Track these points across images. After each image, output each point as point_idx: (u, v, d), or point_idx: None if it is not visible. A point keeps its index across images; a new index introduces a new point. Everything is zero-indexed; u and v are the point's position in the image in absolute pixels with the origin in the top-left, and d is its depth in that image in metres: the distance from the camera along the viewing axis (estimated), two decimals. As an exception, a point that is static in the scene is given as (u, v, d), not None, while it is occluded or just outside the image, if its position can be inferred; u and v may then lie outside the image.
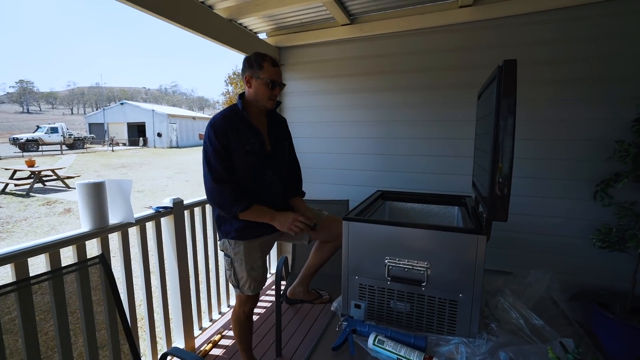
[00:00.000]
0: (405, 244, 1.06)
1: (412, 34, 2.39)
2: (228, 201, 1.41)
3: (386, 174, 2.61)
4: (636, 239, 1.75)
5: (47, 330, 1.16)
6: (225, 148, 1.41)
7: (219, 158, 1.41)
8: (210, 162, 1.41)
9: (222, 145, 1.40)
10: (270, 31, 2.74)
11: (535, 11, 2.05)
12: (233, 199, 1.41)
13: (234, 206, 1.40)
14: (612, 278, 2.07)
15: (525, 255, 2.26)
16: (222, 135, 1.41)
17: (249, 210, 1.42)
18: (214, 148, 1.40)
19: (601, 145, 2.01)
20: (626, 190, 1.92)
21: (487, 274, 1.36)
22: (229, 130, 1.42)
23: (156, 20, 1.78)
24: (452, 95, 2.35)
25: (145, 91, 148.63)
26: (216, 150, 1.40)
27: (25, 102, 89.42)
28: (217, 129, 1.41)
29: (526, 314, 1.07)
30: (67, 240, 1.33)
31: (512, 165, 0.89)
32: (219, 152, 1.40)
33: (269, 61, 1.44)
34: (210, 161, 1.41)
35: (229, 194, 1.41)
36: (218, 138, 1.40)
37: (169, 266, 1.94)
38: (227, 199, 1.41)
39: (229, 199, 1.41)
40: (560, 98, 2.09)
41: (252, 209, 1.43)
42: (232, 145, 1.42)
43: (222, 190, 1.41)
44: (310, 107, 2.82)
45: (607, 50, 1.97)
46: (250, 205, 1.43)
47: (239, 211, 1.41)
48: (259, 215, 1.46)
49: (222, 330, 2.19)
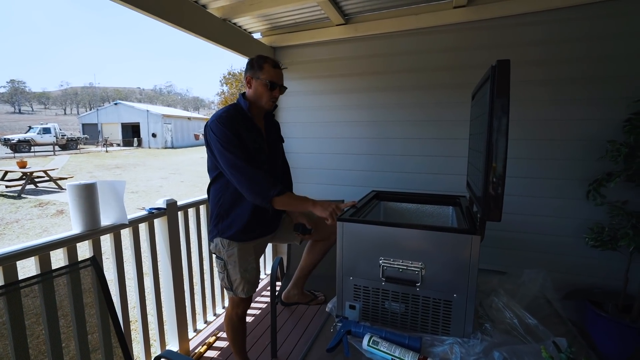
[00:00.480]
0: (399, 244, 1.06)
1: (406, 34, 2.39)
2: (265, 184, 1.34)
3: (381, 174, 2.61)
4: (628, 237, 1.77)
5: (38, 334, 1.14)
6: (240, 137, 1.37)
7: (240, 145, 1.35)
8: (233, 152, 1.34)
9: (237, 135, 1.36)
10: (264, 31, 2.73)
11: (528, 12, 2.06)
12: (269, 182, 1.34)
13: (270, 189, 1.33)
14: (605, 276, 2.09)
15: (519, 255, 2.28)
16: (232, 126, 1.36)
17: (284, 196, 1.35)
18: (231, 139, 1.34)
19: (593, 145, 2.03)
20: (618, 190, 1.94)
21: (481, 273, 1.37)
22: (237, 126, 1.39)
23: (150, 20, 1.76)
24: (445, 96, 2.36)
25: (139, 91, 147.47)
26: (233, 140, 1.35)
27: (17, 103, 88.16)
28: (225, 122, 1.36)
29: (520, 314, 1.08)
30: (57, 242, 1.30)
31: (505, 165, 0.89)
32: (237, 142, 1.35)
33: (270, 62, 1.43)
34: (233, 151, 1.34)
35: (263, 177, 1.34)
36: (231, 130, 1.35)
37: (162, 268, 1.92)
38: (263, 182, 1.34)
39: (264, 182, 1.34)
40: (553, 98, 2.10)
41: (287, 194, 1.36)
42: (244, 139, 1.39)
43: (257, 174, 1.34)
44: (304, 108, 2.81)
45: (599, 51, 1.99)
46: (284, 191, 1.35)
47: (274, 195, 1.33)
48: (298, 202, 1.39)
49: (217, 332, 2.18)
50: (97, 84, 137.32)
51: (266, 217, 1.55)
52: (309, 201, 1.38)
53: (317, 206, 1.35)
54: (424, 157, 2.47)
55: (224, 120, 1.37)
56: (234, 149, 1.34)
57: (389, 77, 2.50)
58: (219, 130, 1.35)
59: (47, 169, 9.63)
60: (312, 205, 1.36)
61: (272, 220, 1.61)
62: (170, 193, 9.09)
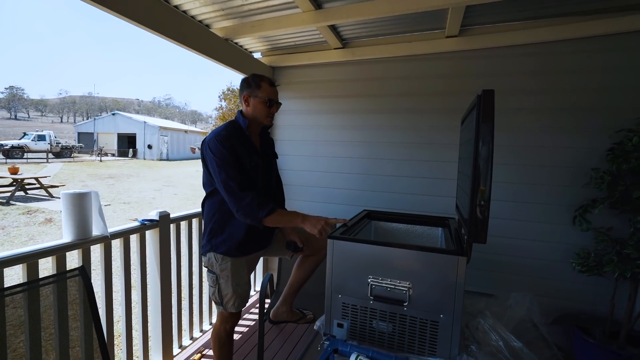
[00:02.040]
0: (388, 263, 1.07)
1: (400, 60, 2.49)
2: (255, 206, 1.35)
3: (372, 193, 2.64)
4: (612, 264, 1.80)
5: (16, 347, 1.11)
6: (237, 157, 1.40)
7: (235, 166, 1.38)
8: (228, 172, 1.37)
9: (234, 154, 1.39)
10: (265, 51, 2.82)
11: (518, 44, 2.17)
12: (259, 204, 1.36)
13: (259, 211, 1.35)
14: (593, 302, 2.11)
15: (507, 278, 2.29)
16: (230, 146, 1.39)
17: (274, 214, 1.36)
18: (227, 158, 1.37)
19: (580, 172, 2.10)
20: (603, 216, 1.99)
21: (469, 295, 1.38)
22: (235, 145, 1.42)
23: (153, 36, 1.82)
24: (437, 120, 2.43)
25: (138, 102, 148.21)
26: (230, 160, 1.38)
27: (14, 108, 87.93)
28: (223, 141, 1.39)
29: (506, 337, 1.08)
30: (46, 250, 1.30)
31: (490, 189, 0.93)
32: (234, 161, 1.38)
33: (266, 81, 1.50)
34: (228, 171, 1.37)
35: (253, 199, 1.36)
36: (227, 149, 1.38)
37: (151, 281, 1.89)
38: (253, 204, 1.35)
39: (254, 203, 1.36)
40: (542, 126, 2.18)
41: (277, 212, 1.38)
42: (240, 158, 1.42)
43: (247, 196, 1.36)
44: (300, 126, 2.87)
45: (580, 83, 2.09)
46: (274, 209, 1.37)
47: (263, 216, 1.35)
48: (288, 218, 1.41)
49: (203, 349, 2.13)
50: (96, 94, 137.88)
51: (260, 234, 1.56)
52: (298, 216, 1.40)
53: (306, 222, 1.37)
54: (414, 178, 2.51)
55: (222, 139, 1.40)
56: (229, 169, 1.37)
57: (382, 100, 2.59)
58: (217, 148, 1.39)
59: (39, 176, 9.51)
60: (301, 221, 1.38)
61: (265, 236, 1.62)
62: (163, 205, 9.00)
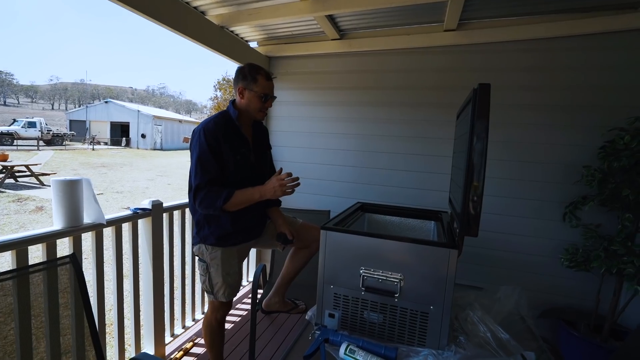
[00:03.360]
0: (380, 255, 1.08)
1: (398, 52, 2.48)
2: (213, 197, 1.37)
3: (367, 186, 2.65)
4: (599, 259, 1.84)
5: (6, 334, 1.11)
6: (217, 152, 1.40)
7: (213, 160, 1.38)
8: (203, 165, 1.38)
9: (215, 149, 1.39)
10: (261, 40, 2.78)
11: (515, 40, 2.17)
12: (217, 194, 1.37)
13: (217, 200, 1.36)
14: (580, 297, 2.16)
15: (497, 272, 2.33)
16: (214, 140, 1.39)
17: (232, 198, 1.37)
18: (207, 151, 1.38)
19: (571, 169, 2.13)
20: (592, 213, 2.03)
21: (459, 288, 1.40)
22: (221, 136, 1.41)
23: (147, 22, 1.78)
24: (432, 114, 2.44)
25: (132, 91, 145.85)
26: (209, 153, 1.38)
27: (3, 94, 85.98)
28: (209, 134, 1.39)
29: (493, 328, 1.10)
30: (36, 237, 1.28)
31: (483, 183, 0.94)
32: (212, 155, 1.38)
33: (263, 75, 1.45)
34: (204, 164, 1.38)
35: (208, 191, 1.38)
36: (210, 142, 1.38)
37: (143, 270, 1.89)
38: (211, 195, 1.37)
39: (213, 195, 1.37)
40: (537, 122, 2.20)
41: (235, 195, 1.38)
42: (223, 153, 1.41)
43: (210, 191, 1.38)
44: (295, 117, 2.85)
45: (573, 81, 2.11)
46: (232, 193, 1.38)
47: (223, 203, 1.36)
48: (246, 197, 1.41)
49: (195, 337, 2.14)
50: (89, 81, 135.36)
51: (248, 224, 1.56)
52: (255, 192, 1.41)
53: (265, 194, 1.40)
54: (408, 172, 2.52)
55: (208, 133, 1.40)
56: (208, 165, 1.38)
57: (379, 93, 2.58)
58: (200, 142, 1.40)
59: (29, 163, 9.37)
60: (260, 196, 1.41)
61: (255, 226, 1.62)
62: (156, 195, 8.94)
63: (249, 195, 1.41)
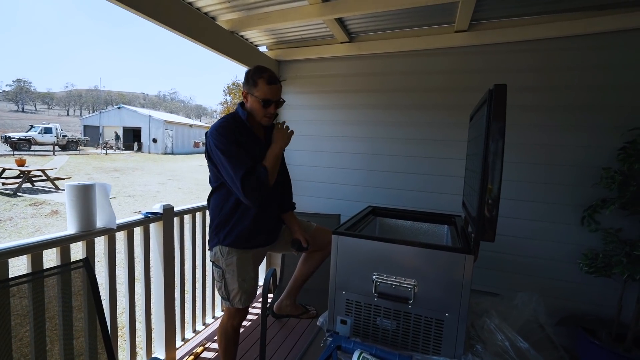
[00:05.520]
0: (393, 260, 1.06)
1: (407, 55, 2.46)
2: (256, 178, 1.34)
3: (378, 190, 2.62)
4: (621, 265, 1.77)
5: (22, 336, 1.12)
6: (238, 144, 1.37)
7: (239, 153, 1.35)
8: (235, 156, 1.34)
9: (235, 143, 1.36)
10: (270, 44, 2.80)
11: (525, 40, 2.12)
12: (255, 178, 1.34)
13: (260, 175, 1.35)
14: (599, 304, 2.08)
15: (513, 278, 2.27)
16: (231, 134, 1.37)
17: (268, 165, 1.39)
18: (232, 143, 1.35)
19: (588, 172, 2.06)
20: (612, 217, 1.96)
21: (474, 294, 1.36)
22: (235, 133, 1.39)
23: (159, 29, 1.80)
24: (441, 116, 2.40)
25: (143, 96, 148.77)
26: (232, 149, 1.35)
27: (21, 101, 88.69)
28: (224, 131, 1.37)
29: (512, 337, 1.07)
30: (51, 241, 1.30)
31: (500, 187, 0.91)
32: (236, 149, 1.35)
33: (264, 78, 1.39)
34: (234, 155, 1.34)
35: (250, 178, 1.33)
36: (229, 138, 1.36)
37: (154, 274, 1.90)
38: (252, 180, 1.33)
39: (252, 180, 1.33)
40: (554, 124, 2.14)
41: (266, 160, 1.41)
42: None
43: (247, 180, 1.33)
44: (306, 121, 2.85)
45: (590, 81, 2.05)
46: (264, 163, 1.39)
47: (265, 174, 1.36)
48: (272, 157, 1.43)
49: (206, 342, 2.14)
50: (102, 88, 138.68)
51: (267, 226, 1.55)
52: (273, 149, 1.46)
53: (278, 143, 1.48)
54: (418, 174, 2.49)
55: (223, 130, 1.38)
56: (232, 159, 1.34)
57: (387, 95, 2.56)
58: (219, 139, 1.37)
59: (45, 168, 9.60)
60: (278, 148, 1.47)
61: (272, 231, 1.61)
62: (167, 199, 9.05)
63: (272, 155, 1.44)
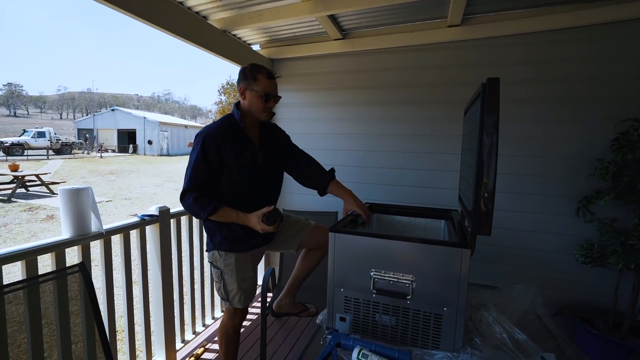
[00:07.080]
0: (390, 256, 1.06)
1: (401, 50, 2.45)
2: (198, 206, 1.38)
3: (374, 186, 2.63)
4: (616, 255, 1.79)
5: (19, 343, 1.11)
6: (212, 159, 1.40)
7: (204, 167, 1.39)
8: (194, 170, 1.40)
9: (210, 157, 1.39)
10: (263, 43, 2.78)
11: (518, 33, 2.13)
12: (201, 205, 1.38)
13: (202, 212, 1.38)
14: (596, 293, 2.10)
15: (510, 270, 2.28)
16: (213, 146, 1.39)
17: (217, 214, 1.39)
18: (202, 157, 1.39)
19: (583, 163, 2.08)
20: (607, 207, 1.97)
21: (472, 287, 1.37)
22: (221, 144, 1.40)
23: (151, 30, 1.78)
24: (437, 111, 2.40)
25: (137, 98, 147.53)
26: (202, 160, 1.39)
27: (13, 106, 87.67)
28: (209, 139, 1.39)
29: (510, 329, 1.07)
30: (45, 247, 1.29)
31: (495, 180, 0.91)
32: (205, 162, 1.39)
33: (264, 73, 1.43)
34: (195, 169, 1.40)
35: (197, 198, 1.38)
36: (206, 149, 1.39)
37: (152, 276, 1.89)
38: (198, 204, 1.38)
39: (198, 204, 1.38)
40: (548, 116, 2.15)
41: (221, 212, 1.40)
42: (224, 158, 1.41)
43: (197, 197, 1.39)
44: (301, 119, 2.84)
45: (584, 73, 2.06)
46: (218, 208, 1.39)
47: (206, 215, 1.39)
48: (231, 218, 1.43)
49: (206, 343, 2.14)
50: (95, 90, 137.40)
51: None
52: (240, 217, 1.42)
53: (247, 222, 1.42)
54: (414, 170, 2.50)
55: (207, 138, 1.40)
56: (197, 170, 1.39)
57: (382, 92, 2.55)
58: (197, 146, 1.41)
59: (39, 173, 9.52)
60: (242, 222, 1.43)
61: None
62: (165, 201, 9.01)
63: (233, 217, 1.43)
